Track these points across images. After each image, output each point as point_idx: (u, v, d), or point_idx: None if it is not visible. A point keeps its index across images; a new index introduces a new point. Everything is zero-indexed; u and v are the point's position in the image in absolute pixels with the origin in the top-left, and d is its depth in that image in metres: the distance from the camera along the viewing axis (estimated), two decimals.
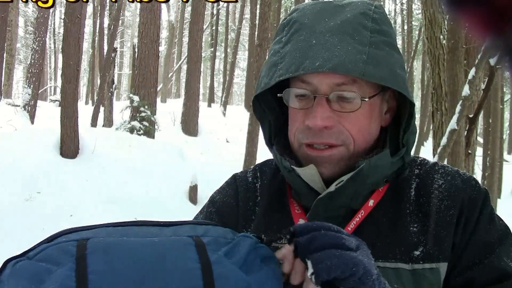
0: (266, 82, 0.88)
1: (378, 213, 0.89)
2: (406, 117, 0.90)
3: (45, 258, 0.58)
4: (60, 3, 29.70)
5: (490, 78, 5.49)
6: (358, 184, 0.86)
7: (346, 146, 0.87)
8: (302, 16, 0.89)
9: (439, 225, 0.86)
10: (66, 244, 0.59)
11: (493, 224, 0.88)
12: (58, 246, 0.59)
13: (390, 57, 0.86)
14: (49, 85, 32.71)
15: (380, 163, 0.87)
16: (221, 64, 36.09)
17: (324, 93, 0.84)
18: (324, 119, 0.84)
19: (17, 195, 6.17)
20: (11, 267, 0.58)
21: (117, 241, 0.59)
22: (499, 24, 0.24)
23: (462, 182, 0.90)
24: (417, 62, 31.63)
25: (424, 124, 24.10)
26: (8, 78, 16.64)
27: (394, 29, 0.93)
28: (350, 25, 0.85)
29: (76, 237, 0.60)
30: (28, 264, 0.58)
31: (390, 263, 0.85)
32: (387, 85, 0.84)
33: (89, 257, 0.57)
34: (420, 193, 0.90)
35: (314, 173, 0.87)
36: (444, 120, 5.94)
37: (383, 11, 0.91)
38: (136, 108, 11.69)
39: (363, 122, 0.87)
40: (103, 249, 0.58)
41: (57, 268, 0.57)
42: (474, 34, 0.25)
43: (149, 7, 12.01)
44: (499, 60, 5.00)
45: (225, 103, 22.02)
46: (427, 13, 6.23)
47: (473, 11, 0.24)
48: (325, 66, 0.80)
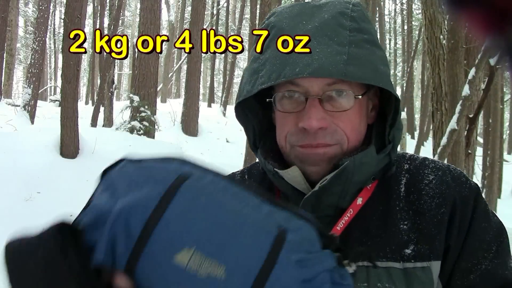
0: (248, 90, 0.87)
1: (368, 211, 0.88)
2: (392, 113, 0.89)
3: (148, 172, 0.61)
4: (60, 3, 29.72)
5: (490, 78, 5.49)
6: (343, 182, 0.85)
7: (340, 145, 0.86)
8: (279, 20, 0.88)
9: (430, 223, 0.85)
10: (170, 172, 0.61)
11: (488, 222, 0.87)
12: (162, 169, 0.62)
13: (371, 54, 0.85)
14: (49, 85, 32.71)
15: (365, 161, 0.86)
16: (221, 64, 36.08)
17: (316, 94, 0.84)
18: (319, 120, 0.83)
19: (17, 195, 6.17)
20: (124, 165, 0.63)
21: (211, 194, 0.60)
22: (499, 24, 0.24)
23: (452, 179, 0.89)
24: (417, 62, 31.63)
25: (424, 124, 24.09)
26: (8, 78, 16.65)
27: (373, 25, 0.92)
28: (328, 26, 0.84)
29: (186, 169, 0.62)
30: (133, 170, 0.62)
31: (381, 262, 0.84)
32: (370, 83, 0.84)
33: (179, 194, 0.59)
34: (410, 190, 0.89)
35: (297, 175, 0.87)
36: (444, 120, 5.95)
37: (361, 8, 0.90)
38: (136, 108, 11.69)
39: (355, 121, 0.87)
40: (194, 194, 0.59)
41: (150, 187, 0.60)
42: (474, 34, 0.25)
43: (149, 7, 12.01)
44: (499, 60, 5.00)
45: (225, 103, 22.02)
46: (427, 13, 6.24)
47: (473, 11, 0.24)
48: (305, 71, 0.79)
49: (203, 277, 0.55)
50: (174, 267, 0.56)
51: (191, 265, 0.55)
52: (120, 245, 0.57)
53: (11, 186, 6.28)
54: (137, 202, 0.58)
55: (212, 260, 0.56)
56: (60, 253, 0.56)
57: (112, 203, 0.60)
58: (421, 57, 26.08)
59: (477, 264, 0.84)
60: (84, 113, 13.78)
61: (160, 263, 0.56)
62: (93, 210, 0.61)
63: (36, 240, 0.58)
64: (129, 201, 0.59)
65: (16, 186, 6.34)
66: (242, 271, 0.56)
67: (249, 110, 0.97)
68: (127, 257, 0.57)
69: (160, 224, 0.57)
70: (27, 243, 0.59)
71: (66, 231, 0.58)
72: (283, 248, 0.58)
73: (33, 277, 0.56)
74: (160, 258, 0.56)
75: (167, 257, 0.56)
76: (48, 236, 0.58)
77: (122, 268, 0.57)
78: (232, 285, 0.56)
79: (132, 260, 0.57)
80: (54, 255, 0.56)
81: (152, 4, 12.04)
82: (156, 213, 0.58)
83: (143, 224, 0.57)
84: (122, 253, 0.57)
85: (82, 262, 0.56)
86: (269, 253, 0.57)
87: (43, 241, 0.58)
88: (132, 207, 0.58)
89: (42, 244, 0.57)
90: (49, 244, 0.57)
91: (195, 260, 0.55)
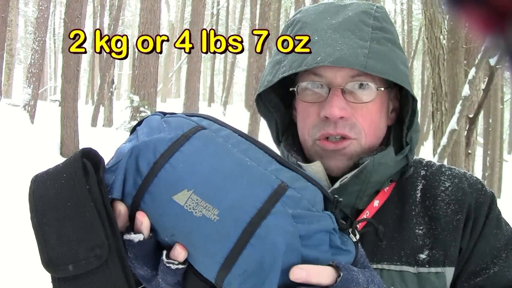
0: (269, 80, 0.89)
1: (383, 215, 0.89)
2: (409, 114, 0.90)
3: (169, 122, 0.67)
4: (60, 3, 29.72)
5: (490, 78, 5.49)
6: (362, 181, 0.86)
7: (359, 141, 0.86)
8: (305, 16, 0.91)
9: (445, 229, 0.86)
10: (189, 122, 0.66)
11: (500, 229, 0.87)
12: (182, 120, 0.67)
13: (392, 52, 0.86)
14: (49, 85, 32.71)
15: (384, 161, 0.86)
16: (221, 64, 36.09)
17: (339, 85, 0.85)
18: (341, 109, 0.84)
19: (16, 195, 6.17)
20: (151, 116, 0.69)
21: (221, 144, 0.64)
22: (499, 24, 0.24)
23: (468, 185, 0.89)
24: (417, 62, 31.64)
25: (424, 124, 24.10)
26: (8, 78, 16.65)
27: (396, 29, 0.94)
28: (352, 22, 0.86)
29: (204, 123, 0.66)
30: (156, 120, 0.68)
31: (395, 265, 0.84)
32: (389, 79, 0.84)
33: (190, 140, 0.64)
34: (426, 195, 0.90)
35: (320, 170, 0.87)
36: (444, 120, 5.95)
37: (385, 11, 0.92)
38: (136, 108, 11.70)
39: (374, 116, 0.87)
40: (204, 142, 0.64)
41: (166, 133, 0.65)
42: (474, 34, 0.25)
43: (149, 7, 12.01)
44: (499, 60, 5.00)
45: (225, 103, 22.02)
46: (427, 13, 6.24)
47: (473, 11, 0.24)
48: (326, 60, 0.81)
49: (198, 216, 0.59)
50: (172, 205, 0.60)
51: (188, 204, 0.60)
52: (129, 181, 0.63)
53: (11, 186, 6.28)
54: (149, 143, 0.64)
55: (208, 203, 0.59)
56: (83, 176, 0.60)
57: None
58: (421, 57, 26.08)
59: (486, 268, 0.85)
60: (84, 113, 13.76)
61: (161, 200, 0.61)
62: (116, 153, 0.66)
63: (61, 166, 0.63)
64: (142, 142, 0.64)
65: (16, 186, 6.34)
66: (233, 216, 0.59)
67: (271, 105, 0.98)
68: (134, 194, 0.62)
69: (166, 165, 0.62)
70: (52, 170, 0.64)
71: (91, 159, 0.63)
72: (279, 200, 0.60)
73: (56, 198, 0.60)
74: (161, 196, 0.61)
75: (168, 195, 0.61)
76: (74, 162, 0.62)
77: (129, 203, 0.62)
78: (223, 228, 0.58)
79: (138, 197, 0.62)
80: (78, 178, 0.60)
81: (152, 4, 12.05)
82: (165, 154, 0.62)
83: (151, 164, 0.62)
84: (130, 189, 0.62)
85: (101, 190, 0.61)
86: (264, 203, 0.59)
87: (68, 167, 0.62)
88: (142, 148, 0.63)
89: (67, 169, 0.62)
90: (74, 168, 0.61)
91: (192, 200, 0.60)
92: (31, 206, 0.61)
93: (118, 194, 0.62)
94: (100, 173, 0.62)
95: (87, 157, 0.63)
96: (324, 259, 0.61)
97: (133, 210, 0.62)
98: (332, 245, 0.62)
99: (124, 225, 0.62)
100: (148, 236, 0.62)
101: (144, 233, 0.61)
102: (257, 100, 0.96)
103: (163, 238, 0.62)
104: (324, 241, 0.61)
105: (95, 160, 0.63)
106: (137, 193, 0.62)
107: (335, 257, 0.62)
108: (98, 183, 0.61)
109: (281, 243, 0.58)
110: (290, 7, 26.15)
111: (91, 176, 0.60)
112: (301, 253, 0.60)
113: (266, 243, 0.58)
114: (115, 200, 0.62)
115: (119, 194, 0.62)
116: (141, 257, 0.63)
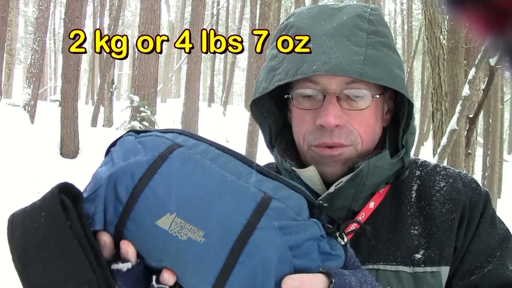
0: (264, 87, 0.88)
1: (379, 216, 0.89)
2: (405, 117, 0.90)
3: (143, 142, 0.65)
4: (60, 3, 29.72)
5: (490, 78, 5.49)
6: (357, 185, 0.86)
7: (355, 146, 0.87)
8: (299, 20, 0.89)
9: (440, 228, 0.86)
10: (164, 141, 0.65)
11: (494, 227, 0.88)
12: (157, 139, 0.65)
13: (387, 57, 0.86)
14: (49, 85, 32.71)
15: (380, 164, 0.87)
16: (221, 64, 36.08)
17: (334, 92, 0.85)
18: (336, 117, 0.84)
19: (16, 195, 6.17)
20: (124, 137, 0.68)
21: (199, 161, 0.62)
22: (499, 24, 0.24)
23: (463, 185, 0.90)
24: (417, 62, 31.63)
25: (424, 124, 24.11)
26: (8, 78, 16.64)
27: (390, 31, 0.93)
28: (346, 27, 0.85)
29: (180, 139, 0.65)
30: (131, 141, 0.66)
31: (391, 265, 0.85)
32: (385, 85, 0.84)
33: (167, 161, 0.62)
34: (421, 196, 0.90)
35: (314, 174, 0.87)
36: (444, 120, 5.95)
37: (379, 13, 0.91)
38: (136, 108, 11.69)
39: (370, 122, 0.87)
40: (182, 161, 0.62)
41: (142, 155, 0.63)
42: (474, 34, 0.25)
43: (149, 7, 12.01)
44: (499, 60, 5.00)
45: (225, 103, 22.02)
46: (427, 13, 6.24)
47: (473, 11, 0.24)
48: (322, 69, 0.80)
49: (184, 239, 0.58)
50: (157, 230, 0.59)
51: (173, 228, 0.59)
52: (110, 210, 0.61)
53: (11, 186, 6.28)
54: (126, 169, 0.62)
55: (192, 225, 0.59)
56: (63, 213, 0.59)
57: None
58: (421, 57, 26.07)
59: (480, 267, 0.85)
60: (84, 113, 13.76)
61: (144, 227, 0.60)
62: (93, 179, 0.65)
63: (38, 204, 0.61)
64: (119, 167, 0.62)
65: (16, 186, 6.34)
66: (220, 236, 0.58)
67: (265, 109, 0.97)
68: (116, 222, 0.61)
69: (146, 190, 0.61)
70: (29, 208, 0.62)
71: (68, 194, 0.61)
72: (264, 214, 0.59)
73: (36, 238, 0.58)
74: (144, 222, 0.60)
75: (151, 221, 0.60)
76: (51, 199, 0.60)
77: (112, 231, 0.61)
78: (210, 249, 0.58)
79: (120, 225, 0.61)
80: (57, 215, 0.59)
81: (152, 4, 12.04)
82: (143, 179, 0.61)
83: (130, 191, 0.61)
84: (111, 217, 0.61)
85: (83, 224, 0.59)
86: (249, 218, 0.59)
87: (45, 204, 0.60)
88: (120, 175, 0.62)
89: (45, 207, 0.60)
90: (52, 205, 0.59)
91: (176, 224, 0.59)
92: (11, 248, 0.59)
93: (100, 225, 0.61)
94: (80, 207, 0.61)
95: (64, 192, 0.61)
96: (314, 267, 0.61)
97: (117, 238, 0.61)
98: (322, 252, 0.62)
99: (111, 255, 0.62)
100: (136, 263, 0.61)
101: (132, 260, 0.60)
102: (251, 104, 0.95)
103: (151, 263, 0.62)
104: (313, 249, 0.61)
105: (73, 194, 0.61)
106: (119, 221, 0.61)
107: (326, 263, 0.62)
108: (79, 217, 0.59)
109: (272, 257, 0.58)
110: (290, 7, 26.14)
111: (70, 211, 0.59)
112: (292, 263, 0.59)
113: (256, 259, 0.58)
114: (99, 231, 0.61)
115: (101, 225, 0.61)
116: (131, 284, 0.62)
